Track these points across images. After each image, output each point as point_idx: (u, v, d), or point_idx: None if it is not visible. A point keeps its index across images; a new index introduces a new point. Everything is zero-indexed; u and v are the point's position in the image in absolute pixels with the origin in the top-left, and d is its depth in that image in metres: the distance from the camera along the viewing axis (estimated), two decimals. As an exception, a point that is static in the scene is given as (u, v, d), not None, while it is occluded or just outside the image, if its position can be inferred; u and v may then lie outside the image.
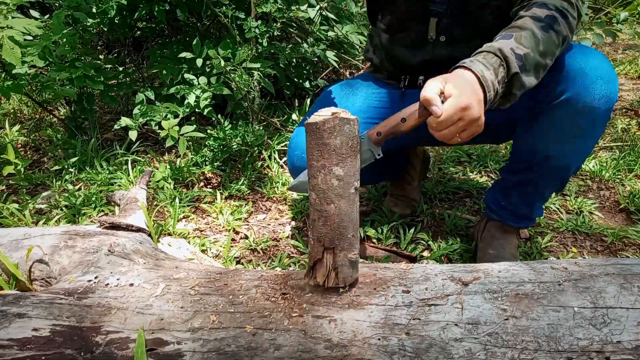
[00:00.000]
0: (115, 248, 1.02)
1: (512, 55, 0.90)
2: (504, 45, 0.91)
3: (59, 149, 2.16)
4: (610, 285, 0.80)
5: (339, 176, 0.78)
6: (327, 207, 0.80)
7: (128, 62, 2.88)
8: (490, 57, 0.90)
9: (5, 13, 1.76)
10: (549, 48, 0.94)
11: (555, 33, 0.94)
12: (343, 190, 0.79)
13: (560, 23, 0.95)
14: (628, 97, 2.74)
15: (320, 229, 0.81)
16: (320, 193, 0.80)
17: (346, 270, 0.83)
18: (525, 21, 0.95)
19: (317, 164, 0.78)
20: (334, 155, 0.77)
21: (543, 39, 0.93)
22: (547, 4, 0.97)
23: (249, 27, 1.96)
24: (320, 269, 0.83)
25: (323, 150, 0.77)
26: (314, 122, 0.77)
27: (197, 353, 0.80)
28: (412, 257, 1.36)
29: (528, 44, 0.92)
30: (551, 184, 1.22)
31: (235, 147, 1.91)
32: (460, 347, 0.76)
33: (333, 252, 0.82)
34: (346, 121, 0.76)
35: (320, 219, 0.81)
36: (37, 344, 0.79)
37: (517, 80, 0.91)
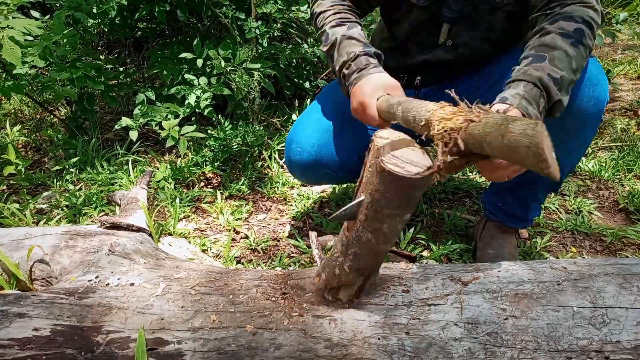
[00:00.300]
0: (116, 248, 1.02)
1: (550, 81, 0.88)
2: (542, 71, 0.89)
3: (59, 149, 2.16)
4: (609, 285, 0.80)
5: (406, 220, 0.72)
6: (382, 247, 0.76)
7: (129, 63, 2.88)
8: (530, 89, 0.87)
9: (6, 13, 1.77)
10: (580, 63, 0.92)
11: (584, 47, 0.92)
12: (400, 231, 0.76)
13: (588, 36, 0.93)
14: (627, 98, 2.74)
15: (365, 262, 0.78)
16: (380, 236, 0.73)
17: (367, 289, 0.84)
18: (555, 39, 0.92)
19: (391, 212, 0.69)
20: (413, 205, 0.70)
21: (574, 56, 0.91)
22: (574, 16, 0.93)
23: (249, 27, 1.96)
24: (347, 290, 0.82)
25: (405, 203, 0.68)
26: (404, 175, 0.63)
27: (198, 352, 0.80)
28: (411, 257, 1.35)
29: (562, 65, 0.89)
30: (546, 186, 1.22)
31: (235, 147, 1.92)
32: (460, 346, 0.76)
33: (366, 277, 0.81)
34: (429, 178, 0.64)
35: (369, 255, 0.76)
36: (38, 343, 0.79)
37: (559, 105, 0.90)
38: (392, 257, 1.35)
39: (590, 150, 2.07)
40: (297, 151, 1.28)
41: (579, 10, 0.94)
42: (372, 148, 0.69)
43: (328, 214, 1.65)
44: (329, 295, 0.83)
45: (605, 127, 2.33)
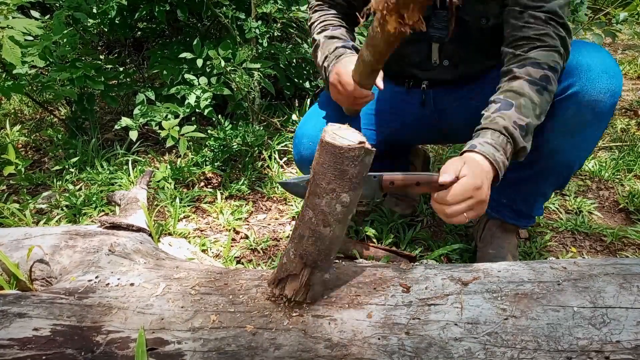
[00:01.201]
0: (116, 248, 1.02)
1: (517, 130, 0.94)
2: (508, 119, 0.95)
3: (59, 149, 2.16)
4: (609, 285, 0.80)
5: (345, 203, 0.77)
6: (322, 230, 0.79)
7: (128, 63, 2.88)
8: (496, 137, 0.94)
9: (6, 13, 1.77)
10: (543, 109, 0.99)
11: (548, 93, 0.99)
12: (343, 216, 0.78)
13: (552, 82, 0.99)
14: (627, 97, 2.74)
15: (307, 247, 0.80)
16: (320, 214, 0.78)
17: (317, 289, 0.83)
18: (522, 86, 0.98)
19: (327, 186, 0.76)
20: (347, 183, 0.75)
21: (539, 102, 0.97)
22: (541, 62, 0.99)
23: (249, 27, 1.96)
24: (293, 283, 0.82)
25: (338, 176, 0.74)
26: (337, 144, 0.73)
27: (198, 352, 0.80)
28: (411, 257, 1.36)
29: (528, 112, 0.96)
30: (554, 180, 1.22)
31: (235, 147, 1.92)
32: (460, 346, 0.76)
33: (312, 270, 0.81)
34: (369, 152, 0.74)
35: (310, 237, 0.80)
36: (38, 343, 0.79)
37: (523, 150, 0.97)
38: (393, 258, 1.35)
39: (590, 150, 2.08)
40: (309, 145, 1.27)
41: (547, 56, 1.00)
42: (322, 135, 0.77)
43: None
44: (276, 290, 0.84)
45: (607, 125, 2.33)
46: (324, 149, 0.75)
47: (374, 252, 1.38)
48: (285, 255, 0.83)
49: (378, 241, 1.49)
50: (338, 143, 0.73)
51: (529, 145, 0.98)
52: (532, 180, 1.24)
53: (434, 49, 1.20)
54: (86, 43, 2.32)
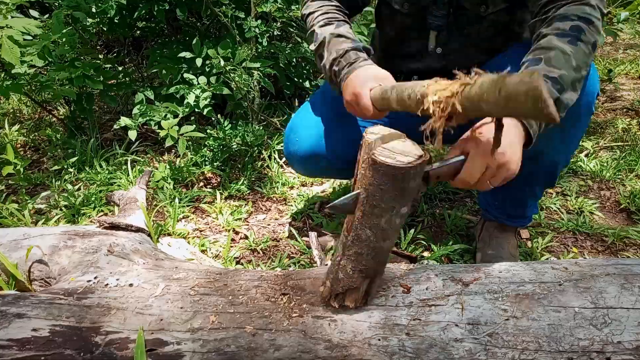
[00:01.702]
0: (115, 248, 1.01)
1: (547, 82, 0.87)
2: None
3: (58, 149, 2.16)
4: (610, 285, 0.79)
5: (403, 214, 0.73)
6: (382, 244, 0.75)
7: (127, 62, 2.88)
8: None
9: (5, 13, 1.76)
10: (582, 60, 0.91)
11: (584, 43, 0.91)
12: (400, 226, 0.75)
13: (586, 31, 0.91)
14: (629, 97, 2.74)
15: (367, 262, 0.77)
16: (379, 232, 0.73)
17: (374, 291, 0.83)
18: (551, 40, 0.91)
19: (387, 205, 0.70)
20: (407, 197, 0.70)
21: (573, 53, 0.89)
22: (568, 15, 0.93)
23: (248, 26, 1.96)
24: (352, 295, 0.80)
25: (399, 194, 0.69)
26: (395, 165, 0.65)
27: (197, 353, 0.80)
28: (412, 257, 1.35)
29: (560, 64, 0.88)
30: (542, 180, 1.22)
31: (235, 147, 1.91)
32: (461, 347, 0.76)
33: (372, 280, 0.80)
34: (425, 162, 0.68)
35: (370, 254, 0.76)
36: (37, 344, 0.79)
37: (559, 104, 0.89)
38: (393, 258, 1.35)
39: (591, 150, 2.07)
40: (295, 142, 1.29)
41: (574, 8, 0.94)
42: (363, 144, 0.70)
43: (328, 214, 1.65)
44: (335, 303, 0.82)
45: (606, 127, 2.33)
46: (378, 171, 0.66)
47: (374, 252, 1.37)
48: (341, 271, 0.79)
49: (378, 241, 1.49)
50: (395, 163, 0.65)
51: (568, 98, 0.89)
52: (521, 182, 1.24)
53: (432, 36, 1.19)
54: (85, 42, 2.31)
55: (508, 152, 0.84)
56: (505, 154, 0.83)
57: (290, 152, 1.32)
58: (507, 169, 0.85)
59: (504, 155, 0.83)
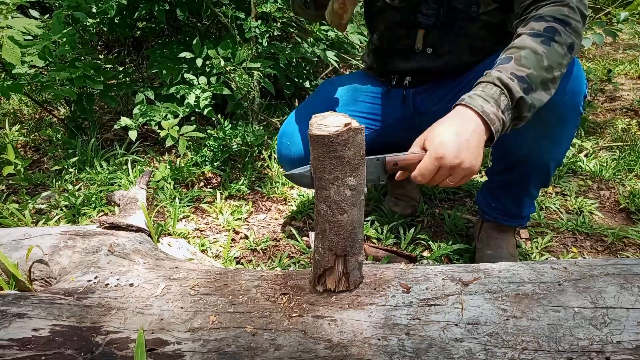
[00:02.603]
0: (115, 248, 1.02)
1: (514, 80, 0.88)
2: (503, 71, 0.89)
3: (58, 149, 2.16)
4: (610, 285, 0.80)
5: (352, 186, 0.77)
6: (340, 217, 0.79)
7: (128, 62, 2.88)
8: (489, 89, 0.88)
9: (5, 13, 1.76)
10: (555, 60, 0.91)
11: (558, 44, 0.91)
12: (355, 199, 0.78)
13: (562, 32, 0.92)
14: (628, 97, 2.74)
15: (332, 238, 0.80)
16: (332, 204, 0.78)
17: (356, 273, 0.84)
18: (524, 39, 0.92)
19: (330, 176, 0.76)
20: (347, 167, 0.75)
21: (545, 53, 0.90)
22: (544, 16, 0.94)
23: (249, 27, 1.96)
24: (331, 276, 0.83)
25: (337, 163, 0.74)
26: (325, 134, 0.72)
27: (197, 353, 0.80)
28: (412, 257, 1.35)
29: (529, 63, 0.89)
30: (535, 180, 1.23)
31: (235, 147, 1.91)
32: (461, 347, 0.76)
33: (345, 258, 0.82)
34: (358, 131, 0.74)
35: (332, 229, 0.80)
36: (37, 344, 0.79)
37: (523, 103, 0.89)
38: (393, 258, 1.35)
39: (591, 150, 2.07)
40: (286, 145, 1.30)
41: (551, 9, 0.94)
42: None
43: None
44: (319, 287, 0.84)
45: (606, 127, 2.33)
46: (314, 143, 0.75)
47: (374, 252, 1.38)
48: (316, 252, 0.84)
49: (378, 241, 1.49)
50: (325, 132, 0.73)
51: (535, 98, 0.90)
52: (515, 184, 1.25)
53: (419, 35, 1.20)
54: (85, 43, 2.31)
55: (461, 153, 0.85)
56: (457, 155, 0.84)
57: (283, 156, 1.33)
58: (463, 168, 0.86)
59: (457, 156, 0.84)
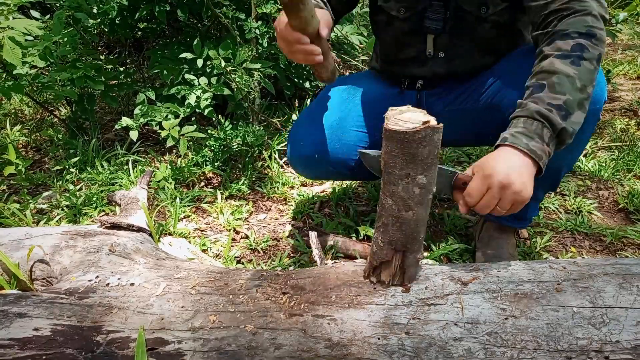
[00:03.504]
0: (116, 248, 1.02)
1: (552, 111, 0.87)
2: (540, 102, 0.88)
3: (59, 149, 2.16)
4: (609, 285, 0.80)
5: (422, 184, 0.76)
6: (405, 214, 0.78)
7: (129, 63, 2.89)
8: (529, 124, 0.88)
9: (6, 13, 1.77)
10: (587, 78, 0.90)
11: (587, 61, 0.90)
12: (422, 198, 0.77)
13: (589, 48, 0.90)
14: (627, 97, 2.74)
15: (393, 233, 0.80)
16: (399, 200, 0.77)
17: (412, 270, 0.84)
18: (553, 63, 0.90)
19: (400, 172, 0.75)
20: (420, 165, 0.74)
21: (577, 74, 0.89)
22: (569, 32, 0.91)
23: (249, 27, 1.96)
24: (387, 269, 0.83)
25: (409, 160, 0.73)
26: (401, 130, 0.71)
27: (198, 352, 0.80)
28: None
29: (563, 89, 0.88)
30: (543, 184, 1.22)
31: (235, 147, 1.92)
32: (460, 346, 0.77)
33: (404, 254, 0.82)
34: (436, 130, 0.72)
35: (395, 224, 0.79)
36: (38, 343, 0.79)
37: (565, 132, 0.89)
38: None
39: (589, 150, 2.08)
40: (299, 145, 1.30)
41: (575, 22, 0.92)
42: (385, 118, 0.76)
43: (328, 214, 1.65)
44: (373, 278, 0.85)
45: (604, 127, 2.33)
46: (388, 137, 0.73)
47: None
48: (374, 244, 0.84)
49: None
50: (402, 128, 0.71)
51: (574, 122, 0.89)
52: None
53: (429, 40, 1.20)
54: (86, 43, 2.32)
55: (511, 176, 0.84)
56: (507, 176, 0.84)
57: (293, 155, 1.33)
58: (513, 191, 0.85)
59: (506, 177, 0.84)
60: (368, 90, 1.36)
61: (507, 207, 0.87)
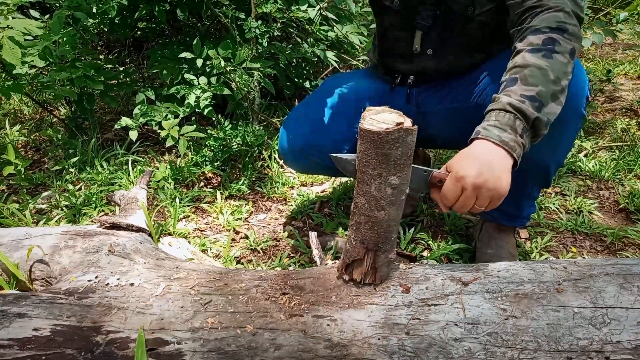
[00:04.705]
0: (116, 248, 1.02)
1: (525, 102, 0.87)
2: (512, 94, 0.89)
3: (59, 149, 2.16)
4: (609, 285, 0.80)
5: (395, 185, 0.77)
6: (377, 214, 0.79)
7: (128, 62, 2.88)
8: (502, 116, 0.88)
9: (6, 13, 1.76)
10: (560, 71, 0.90)
11: (560, 54, 0.91)
12: (395, 198, 0.78)
13: (561, 41, 0.91)
14: (628, 97, 2.74)
15: (365, 232, 0.81)
16: (372, 200, 0.78)
17: (384, 269, 0.85)
18: (525, 57, 0.91)
19: (373, 172, 0.75)
20: (392, 166, 0.74)
21: (549, 67, 0.89)
22: (540, 28, 0.93)
23: (249, 27, 1.96)
24: (359, 268, 0.84)
25: (382, 161, 0.74)
26: (375, 130, 0.71)
27: (198, 353, 0.80)
28: (412, 257, 1.35)
29: (535, 80, 0.89)
30: (536, 181, 1.22)
31: (235, 147, 1.91)
32: (460, 346, 0.76)
33: (375, 253, 0.82)
34: (409, 132, 0.72)
35: (367, 223, 0.80)
36: (38, 343, 0.79)
37: (539, 122, 0.89)
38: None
39: (590, 150, 2.07)
40: (288, 138, 1.32)
41: (547, 18, 0.93)
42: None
43: (328, 214, 1.65)
44: (345, 276, 0.85)
45: (605, 127, 2.33)
46: (363, 137, 0.73)
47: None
48: (347, 242, 0.85)
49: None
50: (375, 129, 0.71)
51: (549, 112, 0.89)
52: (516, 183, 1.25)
53: (417, 36, 1.20)
54: (86, 43, 2.32)
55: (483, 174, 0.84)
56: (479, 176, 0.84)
57: (284, 147, 1.35)
58: (487, 189, 0.85)
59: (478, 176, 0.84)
60: (360, 87, 1.37)
61: (485, 204, 0.87)
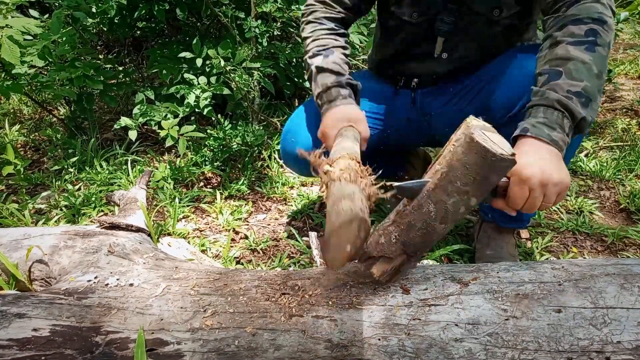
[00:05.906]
0: (115, 248, 1.01)
1: (572, 99, 0.85)
2: (559, 90, 0.86)
3: (58, 149, 2.16)
4: (610, 285, 0.80)
5: (470, 206, 0.74)
6: (437, 226, 0.76)
7: (128, 62, 2.88)
8: (550, 114, 0.85)
9: (5, 13, 1.76)
10: (602, 64, 0.88)
11: (601, 47, 0.88)
12: (460, 217, 0.76)
13: (602, 34, 0.89)
14: (628, 97, 2.74)
15: (414, 236, 0.78)
16: (441, 211, 0.74)
17: (402, 274, 0.83)
18: (567, 49, 0.88)
19: (462, 187, 0.71)
20: (484, 189, 0.71)
21: (592, 60, 0.87)
22: (582, 18, 0.90)
23: (248, 26, 1.96)
24: (383, 265, 0.80)
25: (478, 181, 0.70)
26: (490, 150, 0.66)
27: (197, 353, 0.80)
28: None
29: (581, 76, 0.86)
30: None
31: (235, 147, 1.91)
32: (461, 347, 0.76)
33: (408, 258, 0.80)
34: (514, 164, 0.69)
35: (422, 229, 0.77)
36: (37, 344, 0.79)
37: (584, 122, 0.87)
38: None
39: (591, 150, 2.07)
40: (291, 142, 1.31)
41: (586, 9, 0.91)
42: (463, 124, 0.71)
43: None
44: (362, 265, 0.82)
45: (606, 127, 2.33)
46: (472, 149, 0.67)
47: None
48: (384, 235, 0.80)
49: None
50: (490, 148, 0.66)
51: (591, 112, 0.86)
52: None
53: (439, 42, 1.19)
54: (85, 42, 2.31)
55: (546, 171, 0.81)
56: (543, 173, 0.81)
57: (287, 152, 1.33)
58: (554, 184, 0.82)
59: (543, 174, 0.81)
60: (363, 90, 1.36)
61: (554, 199, 0.84)
